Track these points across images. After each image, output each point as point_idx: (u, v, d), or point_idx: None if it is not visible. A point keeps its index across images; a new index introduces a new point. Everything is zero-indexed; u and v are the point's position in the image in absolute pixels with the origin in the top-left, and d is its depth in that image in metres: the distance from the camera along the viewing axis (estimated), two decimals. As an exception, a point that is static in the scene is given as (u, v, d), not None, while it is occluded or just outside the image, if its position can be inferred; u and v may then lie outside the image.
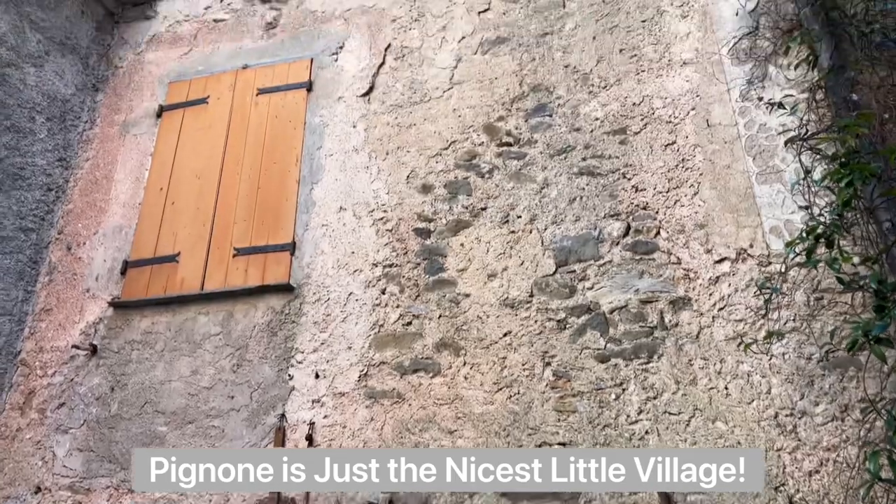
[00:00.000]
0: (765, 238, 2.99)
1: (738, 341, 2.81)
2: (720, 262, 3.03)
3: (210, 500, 3.22)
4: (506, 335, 3.17)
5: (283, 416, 3.27)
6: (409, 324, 3.33)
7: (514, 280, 3.30)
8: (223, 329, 3.54)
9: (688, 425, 2.78)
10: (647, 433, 2.81)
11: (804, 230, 2.43)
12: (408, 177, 3.75)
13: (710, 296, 2.98)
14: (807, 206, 2.73)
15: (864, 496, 2.03)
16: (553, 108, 3.70)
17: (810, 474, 2.57)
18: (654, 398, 2.85)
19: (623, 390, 2.91)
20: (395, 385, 3.20)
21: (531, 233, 3.40)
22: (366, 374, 3.26)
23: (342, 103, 4.08)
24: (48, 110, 4.12)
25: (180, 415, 3.39)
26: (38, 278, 3.92)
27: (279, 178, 3.90)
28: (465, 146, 3.75)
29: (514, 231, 3.43)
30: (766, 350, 2.73)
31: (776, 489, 2.58)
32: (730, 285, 2.97)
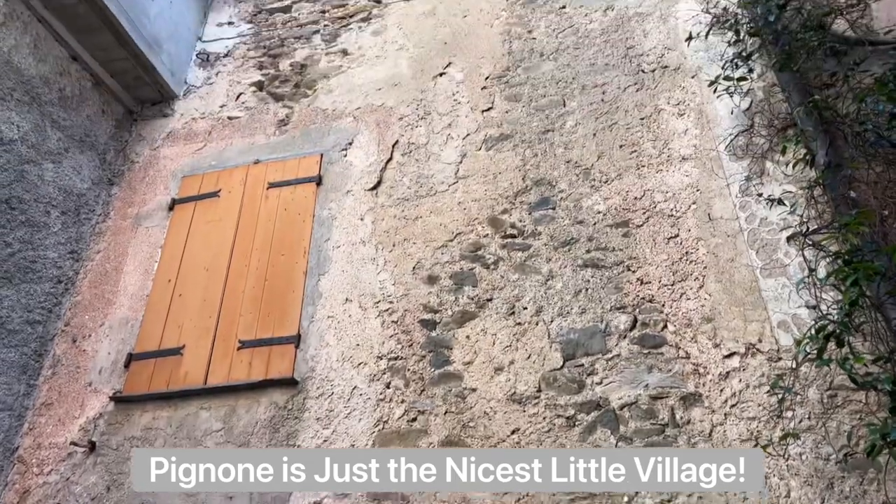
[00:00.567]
0: (773, 333, 2.96)
1: (753, 442, 2.73)
2: (729, 356, 3.00)
3: None
4: (514, 433, 3.09)
5: (283, 519, 3.14)
6: (414, 420, 3.26)
7: (521, 374, 3.26)
8: (225, 425, 3.47)
9: (706, 532, 2.66)
10: (663, 540, 2.68)
11: (813, 329, 2.42)
12: (414, 268, 3.79)
13: (721, 392, 2.93)
14: (814, 306, 2.72)
15: None
16: (556, 201, 3.77)
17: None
18: (669, 501, 2.74)
19: (636, 492, 2.80)
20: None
21: (537, 325, 3.39)
22: (370, 473, 3.16)
23: (350, 197, 4.18)
24: (63, 204, 4.23)
25: (177, 517, 3.27)
26: (41, 371, 3.89)
27: (286, 270, 3.94)
28: (470, 238, 3.80)
29: (520, 323, 3.42)
30: (783, 451, 2.64)
31: None
32: (741, 381, 2.92)
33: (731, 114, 3.63)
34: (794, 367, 2.72)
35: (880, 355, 2.46)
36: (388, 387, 3.39)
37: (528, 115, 4.18)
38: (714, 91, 3.58)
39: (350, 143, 4.45)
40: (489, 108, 4.31)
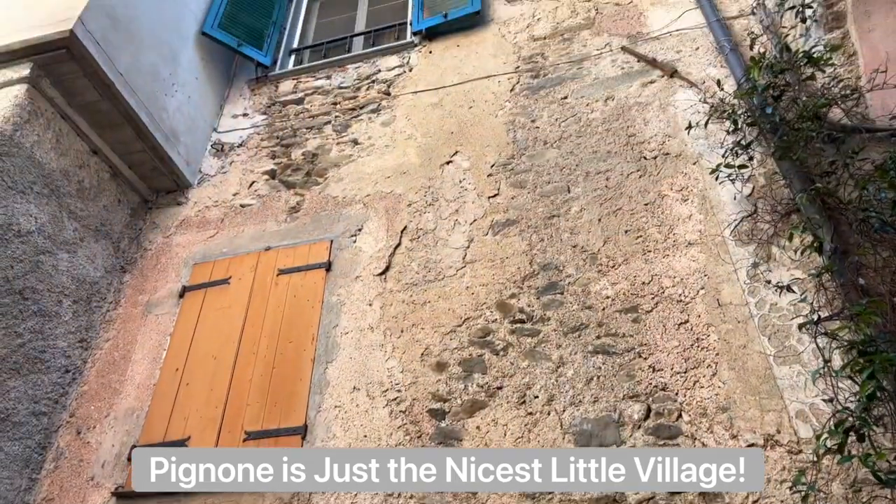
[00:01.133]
0: (791, 423, 2.89)
1: (779, 543, 2.61)
2: (748, 448, 2.91)
3: None
4: (527, 531, 2.98)
5: None
6: (424, 518, 3.15)
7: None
8: (228, 522, 3.36)
9: None
10: None
11: (832, 423, 2.35)
12: (422, 354, 3.76)
13: (742, 486, 2.82)
14: (830, 399, 2.66)
15: None
16: (564, 286, 3.78)
17: None
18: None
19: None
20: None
21: (549, 414, 3.32)
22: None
23: (359, 282, 4.21)
24: (76, 293, 4.27)
25: None
26: (43, 465, 3.82)
27: (294, 358, 3.92)
28: (479, 323, 3.79)
29: (531, 412, 3.35)
30: (811, 554, 2.52)
31: None
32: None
33: (735, 199, 3.69)
34: (815, 460, 2.63)
35: (904, 450, 2.38)
36: (396, 481, 3.30)
37: (534, 200, 4.25)
38: (716, 178, 3.65)
39: (359, 230, 4.53)
40: (495, 195, 4.39)
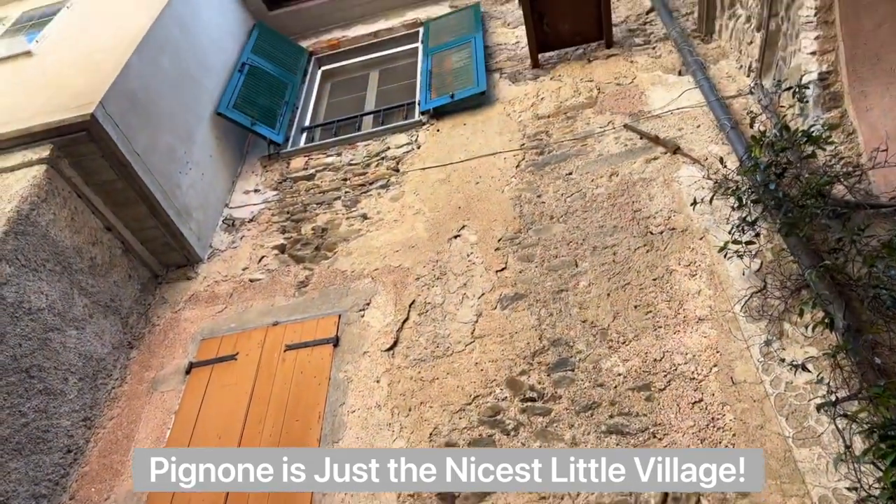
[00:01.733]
0: (816, 510, 2.78)
1: None
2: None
3: None
4: None
5: None
6: None
7: (547, 556, 3.04)
8: None
9: None
10: None
11: (858, 512, 2.27)
12: (431, 434, 3.68)
13: (768, 579, 2.69)
14: (854, 487, 2.57)
15: None
16: (574, 362, 3.73)
17: None
18: None
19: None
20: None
21: (563, 499, 3.21)
22: None
23: (367, 358, 4.17)
24: (82, 370, 4.25)
25: None
26: (38, 552, 3.69)
27: (300, 437, 3.84)
28: (488, 401, 3.73)
29: (544, 497, 3.24)
30: None
31: None
32: (787, 566, 2.69)
33: (743, 275, 3.68)
34: (843, 551, 2.52)
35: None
36: (404, 571, 3.17)
37: (542, 274, 4.26)
38: (724, 255, 3.66)
39: (367, 304, 4.53)
40: (503, 269, 4.41)
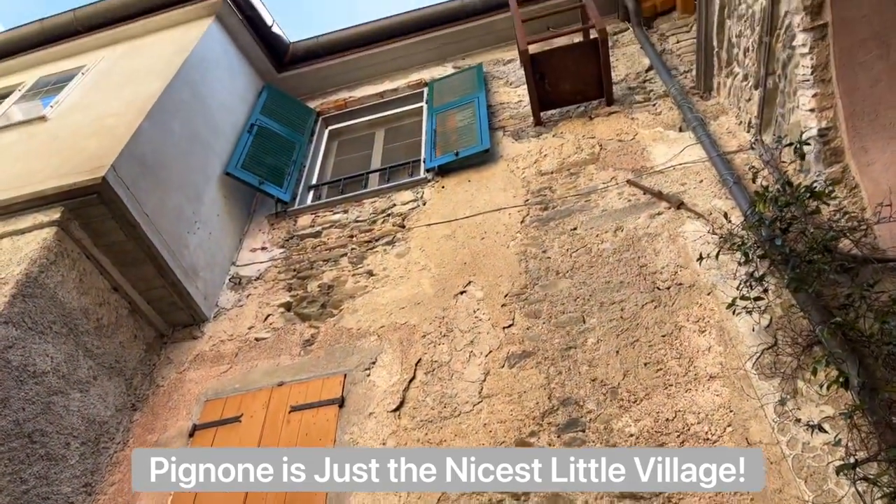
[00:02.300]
0: (841, 581, 2.66)
1: None
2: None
3: None
4: None
5: None
6: None
7: None
8: None
9: None
10: None
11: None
12: (438, 500, 3.57)
13: None
14: (882, 559, 2.48)
15: None
16: (585, 422, 3.66)
17: None
18: None
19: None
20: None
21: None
22: None
23: (373, 419, 4.10)
24: (85, 434, 4.19)
25: None
26: None
27: (305, 502, 3.73)
28: (497, 463, 3.63)
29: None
30: None
31: None
32: None
33: (753, 331, 3.64)
34: None
35: None
36: None
37: (549, 331, 4.22)
38: (733, 312, 3.62)
39: (373, 363, 4.48)
40: (510, 325, 4.38)
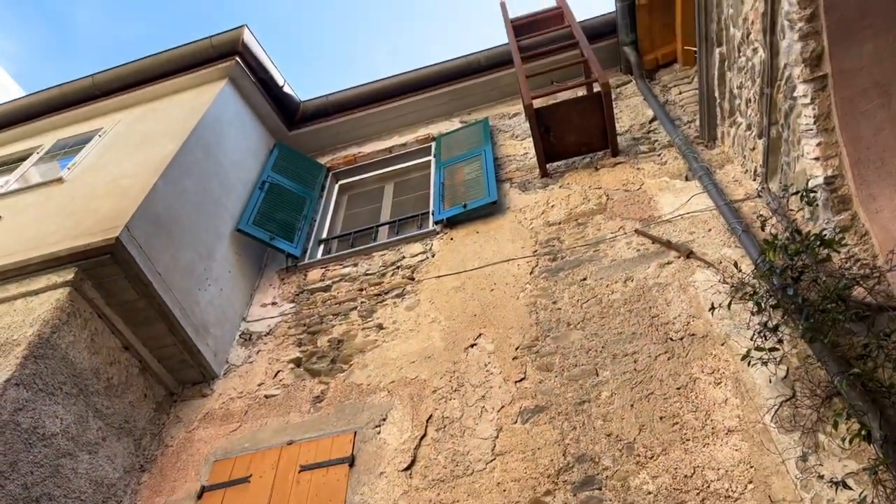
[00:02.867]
0: None
1: None
2: None
3: None
4: None
5: None
6: None
7: None
8: None
9: None
10: None
11: None
12: (452, 563, 3.46)
13: None
14: None
15: None
16: (601, 480, 3.56)
17: None
18: None
19: None
20: None
21: None
22: None
23: (384, 479, 4.02)
24: (92, 498, 4.11)
25: None
26: None
27: (315, 568, 3.63)
28: (512, 524, 3.53)
29: None
30: None
31: None
32: None
33: (770, 382, 3.57)
34: None
35: None
36: None
37: (562, 385, 4.16)
38: (748, 363, 3.56)
39: (384, 419, 4.42)
40: (522, 379, 4.32)
